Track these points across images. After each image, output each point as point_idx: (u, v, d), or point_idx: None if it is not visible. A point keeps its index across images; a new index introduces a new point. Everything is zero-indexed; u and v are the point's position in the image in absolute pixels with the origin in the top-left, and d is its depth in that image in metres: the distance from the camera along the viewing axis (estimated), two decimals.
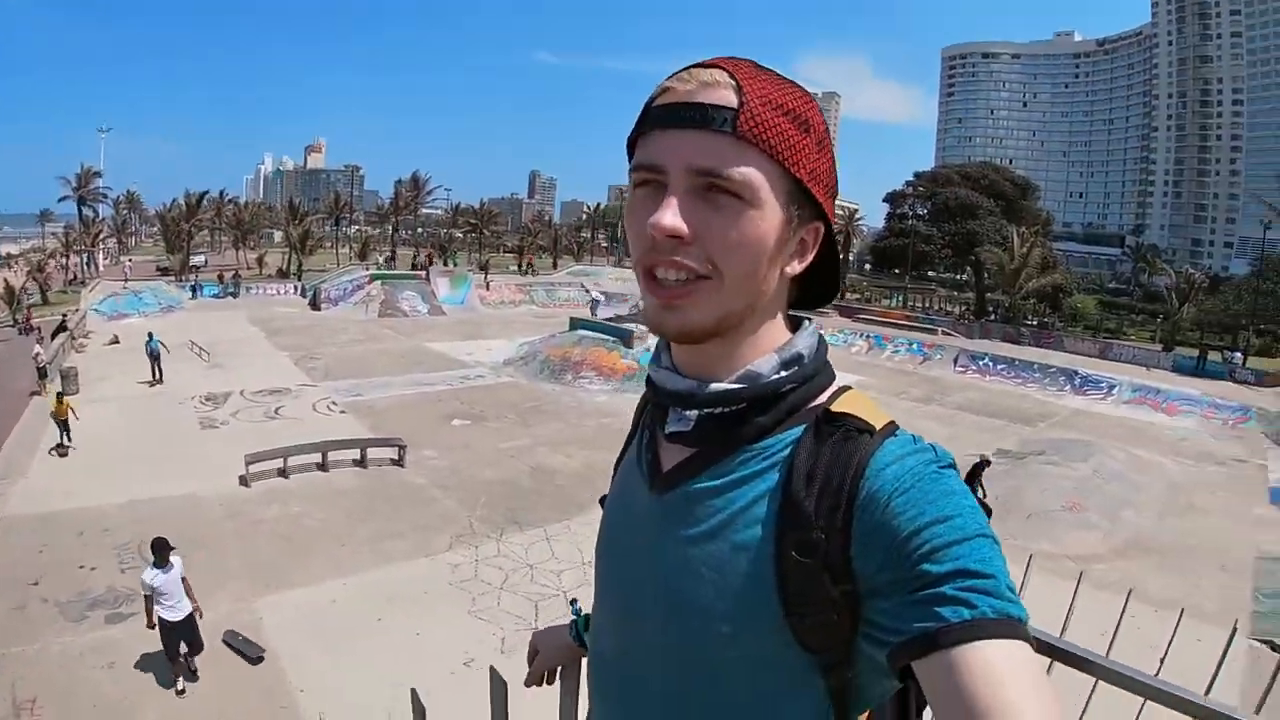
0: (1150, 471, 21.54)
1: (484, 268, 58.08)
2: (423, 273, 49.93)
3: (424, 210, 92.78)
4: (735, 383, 1.08)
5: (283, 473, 15.90)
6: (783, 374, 1.09)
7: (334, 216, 78.28)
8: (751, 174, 0.97)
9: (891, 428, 1.02)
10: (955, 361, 38.31)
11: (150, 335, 23.88)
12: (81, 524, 13.35)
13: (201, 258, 66.40)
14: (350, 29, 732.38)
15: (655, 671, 1.15)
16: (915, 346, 40.37)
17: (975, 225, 54.27)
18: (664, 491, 1.14)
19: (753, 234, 0.99)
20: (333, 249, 73.20)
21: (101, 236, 64.71)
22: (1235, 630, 5.37)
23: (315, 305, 44.46)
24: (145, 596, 8.96)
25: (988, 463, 14.84)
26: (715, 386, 1.09)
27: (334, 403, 22.51)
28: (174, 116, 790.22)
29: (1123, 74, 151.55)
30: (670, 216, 0.97)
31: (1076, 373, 34.97)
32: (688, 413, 1.13)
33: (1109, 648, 1.91)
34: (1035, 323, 52.30)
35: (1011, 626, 0.82)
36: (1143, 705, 1.87)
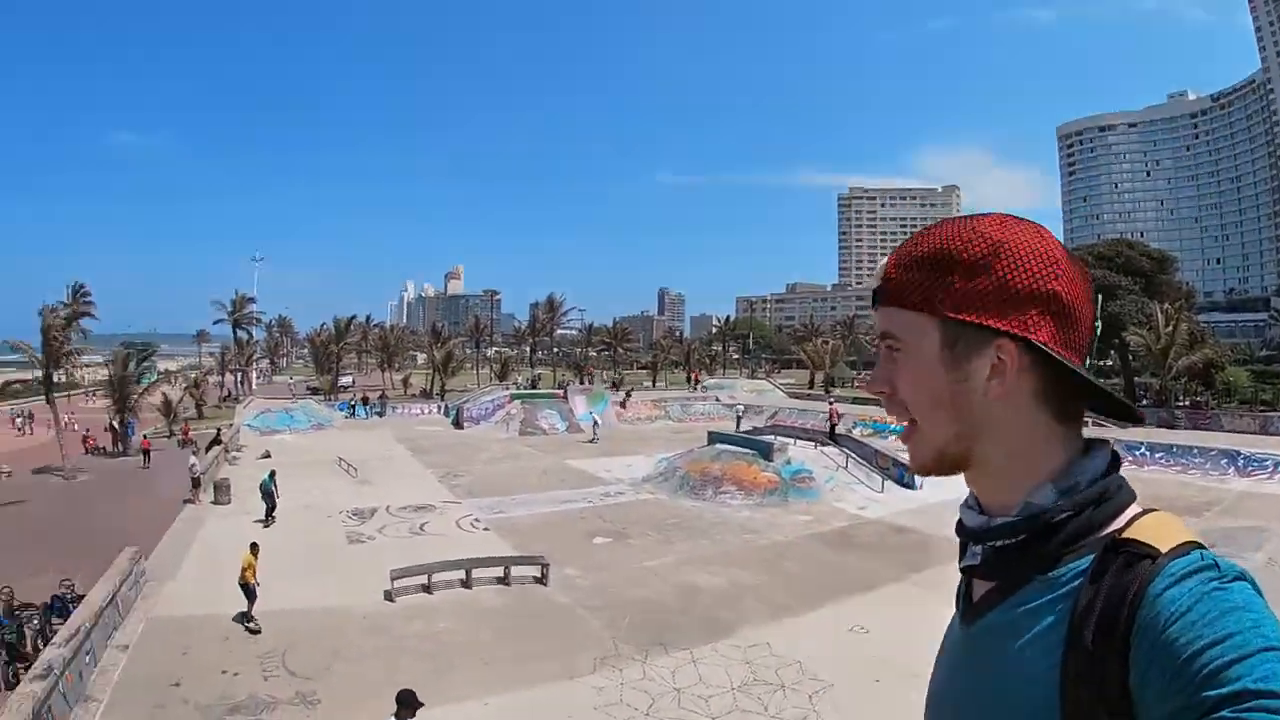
0: None
1: (618, 384, 58.72)
2: (560, 391, 50.59)
3: (559, 331, 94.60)
4: (1016, 516, 1.11)
5: (427, 589, 15.84)
6: (1059, 503, 1.09)
7: (474, 339, 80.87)
8: (901, 329, 1.16)
9: (1183, 549, 0.97)
10: None
11: (270, 474, 23.05)
12: (226, 630, 13.58)
13: (349, 378, 69.32)
14: (478, 166, 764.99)
15: None
16: None
17: (1115, 307, 51.89)
18: (970, 624, 1.19)
19: (916, 375, 1.15)
20: (473, 370, 75.31)
21: (255, 357, 68.30)
22: None
23: (458, 424, 45.44)
24: None
25: None
26: (997, 521, 1.14)
27: (477, 520, 22.55)
28: (320, 247, 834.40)
29: (1242, 125, 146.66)
30: (872, 379, 1.22)
31: (1239, 453, 32.80)
32: (976, 547, 1.19)
33: None
34: (1188, 403, 49.53)
35: None
36: None
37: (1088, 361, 1.12)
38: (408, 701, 8.41)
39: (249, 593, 14.14)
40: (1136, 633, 0.91)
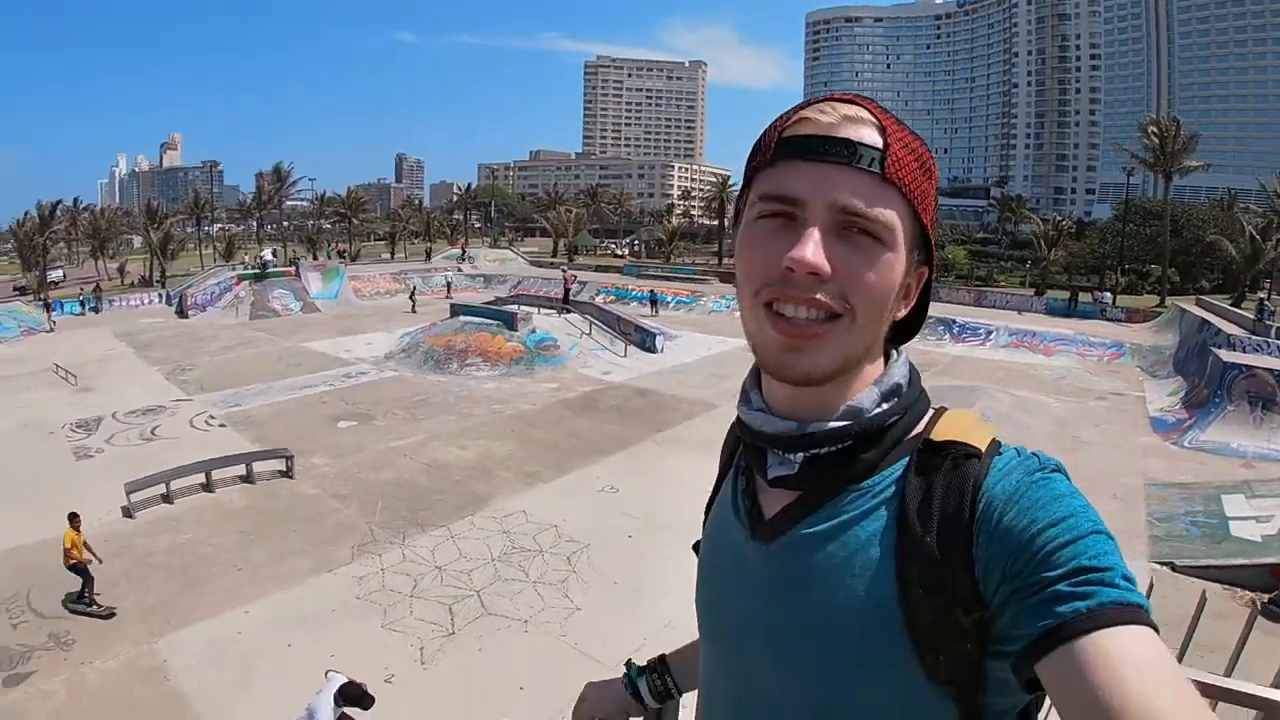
0: (1035, 411, 22.49)
1: (354, 257, 56.79)
2: (292, 269, 48.54)
3: (289, 203, 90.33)
4: (839, 419, 1.06)
5: (167, 498, 15.22)
6: (885, 406, 1.07)
7: (195, 217, 75.75)
8: (892, 216, 0.98)
9: (995, 446, 1.02)
10: None
11: None
12: None
13: (60, 272, 64.01)
14: (194, 13, 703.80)
15: None
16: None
17: None
18: (769, 540, 1.11)
19: (887, 276, 1.00)
20: (196, 251, 71.06)
21: None
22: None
23: (182, 313, 42.63)
24: None
25: None
26: (819, 426, 1.06)
27: (212, 417, 21.67)
28: (14, 123, 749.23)
29: (983, 34, 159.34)
30: (813, 251, 0.95)
31: (954, 321, 36.12)
32: (790, 455, 1.10)
33: None
34: None
35: (1131, 612, 0.82)
36: None
37: None
38: (358, 697, 7.59)
39: (83, 573, 11.30)
40: (977, 527, 0.94)
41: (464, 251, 65.24)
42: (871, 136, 0.98)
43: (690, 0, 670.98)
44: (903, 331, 1.15)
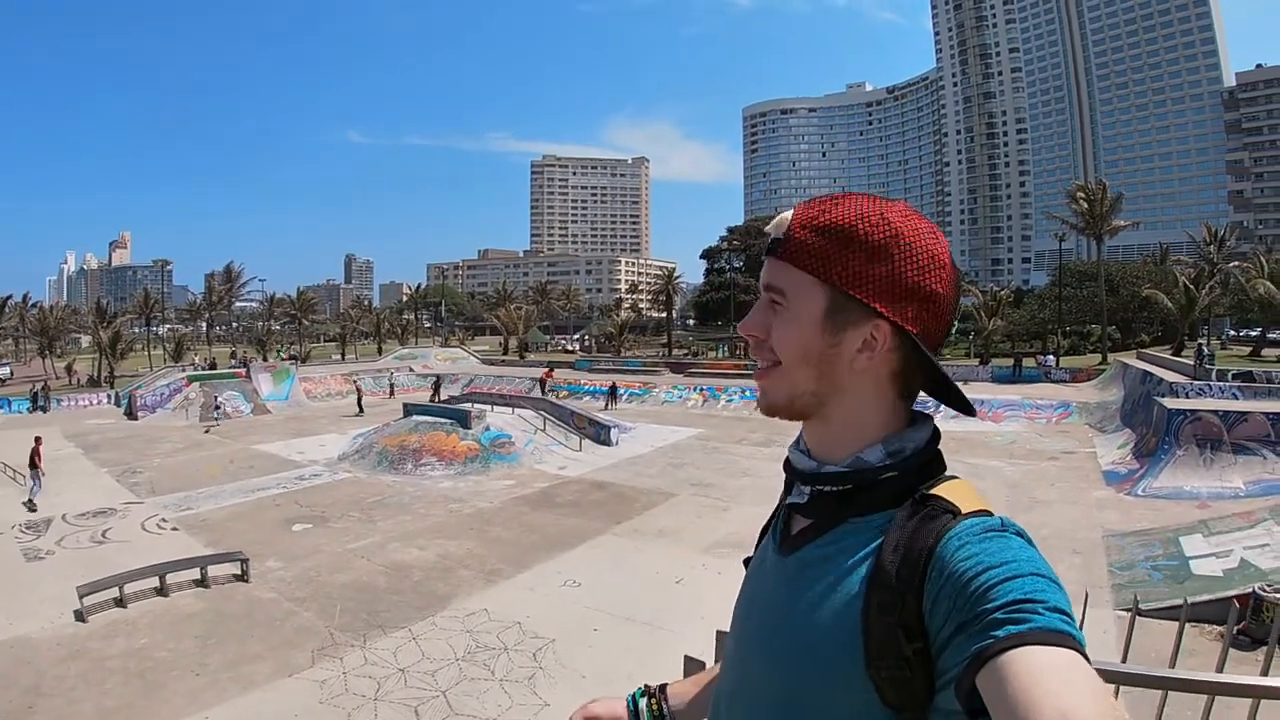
0: (989, 476, 23.17)
1: (304, 358, 56.40)
2: (243, 370, 48.26)
3: (239, 304, 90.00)
4: (845, 467, 1.26)
5: (120, 602, 14.88)
6: (887, 462, 1.23)
7: (144, 316, 75.04)
8: (789, 288, 1.25)
9: (978, 513, 1.14)
10: None
11: None
12: None
13: (7, 369, 63.02)
14: (153, 113, 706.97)
15: (756, 717, 1.28)
16: (748, 393, 40.82)
17: None
18: (787, 554, 1.32)
19: (793, 331, 1.25)
20: (145, 351, 70.36)
21: None
22: (1086, 599, 6.08)
23: (131, 414, 42.21)
24: None
25: None
26: (827, 468, 1.28)
27: (164, 520, 21.24)
28: None
29: (913, 118, 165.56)
30: (749, 322, 1.30)
31: None
32: (804, 488, 1.32)
33: None
34: None
35: (1060, 637, 0.89)
36: None
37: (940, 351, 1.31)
38: None
39: None
40: (931, 569, 1.06)
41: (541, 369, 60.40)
42: (780, 231, 1.27)
43: (634, 99, 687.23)
44: (939, 391, 1.32)
